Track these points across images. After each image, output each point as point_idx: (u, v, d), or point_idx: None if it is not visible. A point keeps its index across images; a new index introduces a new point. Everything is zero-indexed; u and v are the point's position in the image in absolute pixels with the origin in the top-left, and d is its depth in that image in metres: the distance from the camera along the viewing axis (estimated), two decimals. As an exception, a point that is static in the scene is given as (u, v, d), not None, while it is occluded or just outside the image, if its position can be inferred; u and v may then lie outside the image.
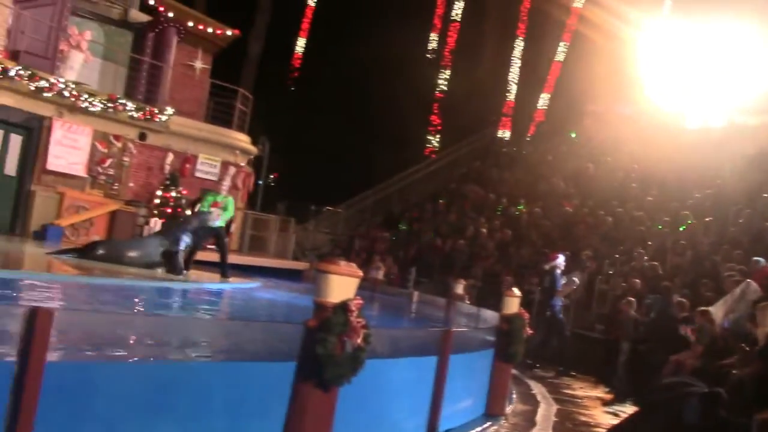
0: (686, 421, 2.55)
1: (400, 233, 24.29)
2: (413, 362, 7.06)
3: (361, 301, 5.48)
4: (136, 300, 10.10)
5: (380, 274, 18.56)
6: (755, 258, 13.27)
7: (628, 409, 9.95)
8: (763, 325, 8.91)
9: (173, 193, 19.55)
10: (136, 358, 5.24)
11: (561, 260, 15.15)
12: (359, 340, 5.29)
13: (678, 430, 2.54)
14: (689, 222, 17.46)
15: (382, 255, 21.21)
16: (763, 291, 11.61)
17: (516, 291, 9.47)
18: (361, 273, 5.56)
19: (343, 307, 5.29)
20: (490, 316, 10.97)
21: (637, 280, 15.07)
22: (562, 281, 15.03)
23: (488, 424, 8.32)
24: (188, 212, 17.61)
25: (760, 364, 8.35)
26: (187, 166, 20.78)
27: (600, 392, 12.42)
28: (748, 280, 11.77)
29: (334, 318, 5.20)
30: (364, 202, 27.69)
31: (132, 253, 13.37)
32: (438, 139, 38.53)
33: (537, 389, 11.65)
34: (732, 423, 2.62)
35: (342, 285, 5.35)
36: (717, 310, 11.20)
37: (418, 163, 30.74)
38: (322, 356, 5.08)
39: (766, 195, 17.26)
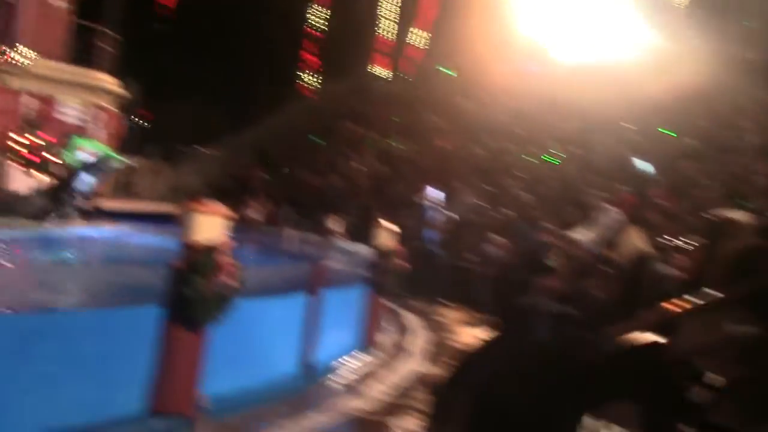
0: (538, 339, 2.67)
1: (275, 172, 24.09)
2: (286, 299, 7.08)
3: (231, 241, 5.43)
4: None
5: (254, 214, 18.41)
6: (618, 186, 13.87)
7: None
8: (624, 249, 9.32)
9: (33, 139, 18.64)
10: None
11: (434, 193, 15.39)
12: (229, 280, 5.26)
13: (529, 348, 2.65)
14: (557, 153, 18.02)
15: (256, 194, 21.01)
16: (626, 216, 12.16)
17: (388, 224, 9.58)
18: (230, 213, 5.51)
19: (212, 247, 5.24)
20: (364, 250, 11.10)
21: (509, 211, 15.52)
22: (436, 214, 15.29)
23: (363, 356, 8.47)
24: (60, 159, 16.87)
25: (619, 287, 8.81)
26: (48, 109, 19.82)
27: (470, 319, 12.80)
28: (608, 206, 12.31)
29: (203, 258, 5.15)
30: (239, 142, 27.21)
31: (24, 207, 12.62)
32: (315, 77, 38.17)
33: (410, 320, 11.91)
34: (580, 339, 2.74)
35: (211, 225, 5.29)
36: (581, 235, 11.66)
37: (294, 101, 30.42)
38: (190, 297, 5.04)
39: (626, 124, 17.99)
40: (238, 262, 5.42)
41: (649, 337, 2.51)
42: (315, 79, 37.88)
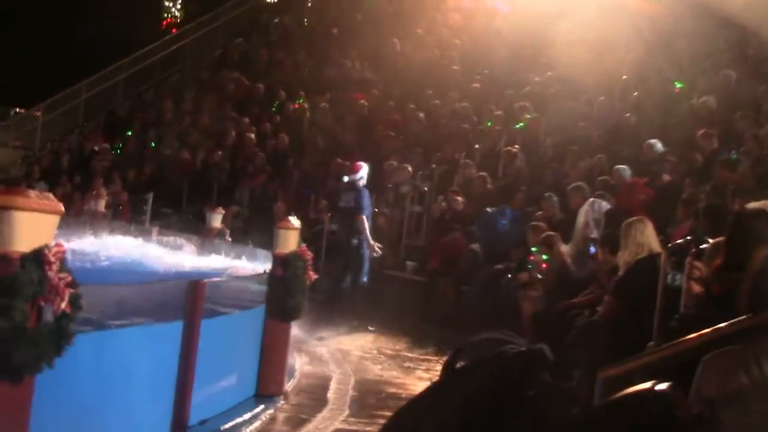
0: (496, 391, 2.58)
1: (129, 144, 23.82)
2: (149, 331, 7.03)
3: (64, 248, 5.35)
4: None
5: (101, 205, 18.13)
6: (618, 166, 13.80)
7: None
8: (627, 251, 9.36)
9: None
10: None
11: (366, 171, 15.21)
12: (63, 305, 5.19)
13: (483, 403, 2.59)
14: (528, 116, 18.08)
15: (103, 177, 20.76)
16: (627, 210, 12.18)
17: (294, 221, 9.56)
18: (60, 207, 5.42)
19: (37, 257, 5.15)
20: (260, 257, 11.08)
21: (460, 198, 15.57)
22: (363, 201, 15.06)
23: (260, 408, 8.45)
24: None
25: (614, 304, 8.89)
26: None
27: (416, 352, 12.78)
28: (593, 198, 12.39)
29: (23, 275, 5.06)
30: (75, 100, 26.71)
31: None
32: (181, 7, 37.83)
33: (328, 355, 11.88)
34: (557, 391, 2.63)
35: (33, 226, 5.20)
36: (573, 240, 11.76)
37: (152, 42, 30.03)
38: (7, 331, 4.95)
39: (625, 77, 18.09)
40: (74, 279, 5.34)
41: (657, 384, 2.46)
42: (184, 10, 37.52)
